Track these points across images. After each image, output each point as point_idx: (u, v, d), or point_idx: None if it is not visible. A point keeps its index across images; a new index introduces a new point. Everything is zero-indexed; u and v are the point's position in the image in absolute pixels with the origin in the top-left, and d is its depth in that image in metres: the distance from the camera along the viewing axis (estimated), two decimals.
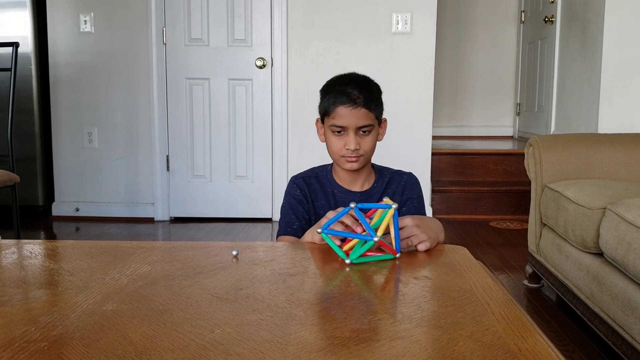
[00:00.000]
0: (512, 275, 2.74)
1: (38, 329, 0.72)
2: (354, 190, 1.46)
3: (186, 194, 3.98)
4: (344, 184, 1.47)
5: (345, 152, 1.38)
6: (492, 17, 5.60)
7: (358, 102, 1.36)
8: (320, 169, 1.52)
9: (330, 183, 1.48)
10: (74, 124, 3.97)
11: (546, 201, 2.33)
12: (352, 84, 1.39)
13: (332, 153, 1.43)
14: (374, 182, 1.48)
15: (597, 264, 1.88)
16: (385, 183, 1.48)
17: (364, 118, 1.37)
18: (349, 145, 1.36)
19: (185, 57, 3.88)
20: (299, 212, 1.44)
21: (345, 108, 1.36)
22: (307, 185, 1.47)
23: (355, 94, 1.36)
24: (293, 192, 1.47)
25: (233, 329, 0.72)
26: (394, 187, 1.48)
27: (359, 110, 1.36)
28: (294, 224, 1.42)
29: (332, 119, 1.38)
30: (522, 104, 5.35)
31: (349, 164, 1.40)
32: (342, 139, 1.38)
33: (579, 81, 3.84)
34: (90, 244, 1.18)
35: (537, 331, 0.73)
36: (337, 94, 1.38)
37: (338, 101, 1.37)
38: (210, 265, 1.01)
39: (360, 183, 1.47)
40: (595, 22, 3.54)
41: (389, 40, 3.78)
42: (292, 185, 1.48)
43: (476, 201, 4.01)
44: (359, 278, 0.97)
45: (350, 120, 1.36)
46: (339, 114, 1.37)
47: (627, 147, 2.40)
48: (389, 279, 0.99)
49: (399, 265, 1.03)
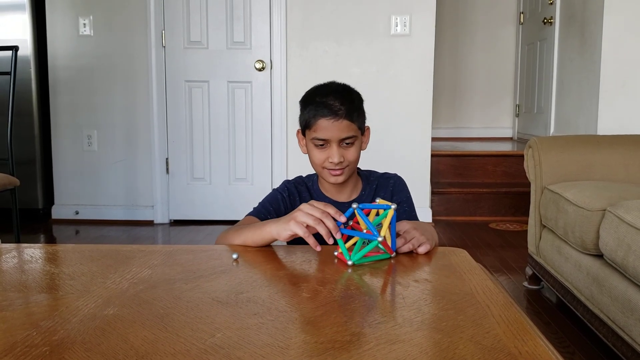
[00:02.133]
0: (512, 277, 2.74)
1: (39, 334, 0.72)
2: (341, 201, 1.44)
3: (186, 197, 3.98)
4: (330, 195, 1.45)
5: (328, 164, 1.36)
6: (491, 19, 5.61)
7: (340, 114, 1.33)
8: (307, 179, 1.50)
9: (317, 194, 1.46)
10: (74, 127, 3.97)
11: (546, 203, 2.33)
12: (333, 94, 1.36)
13: (315, 166, 1.40)
14: (361, 190, 1.47)
15: (597, 266, 1.88)
16: (373, 190, 1.47)
17: (347, 130, 1.34)
18: (333, 159, 1.34)
19: (184, 60, 3.88)
20: (279, 209, 1.42)
21: (326, 120, 1.33)
22: (298, 192, 1.46)
23: (336, 106, 1.33)
24: (282, 191, 1.45)
25: (234, 332, 0.72)
26: (383, 193, 1.47)
27: (341, 122, 1.33)
28: (269, 215, 1.38)
29: (313, 132, 1.35)
30: (521, 105, 5.36)
31: (333, 177, 1.38)
32: (324, 152, 1.36)
33: (578, 82, 3.84)
34: (90, 248, 1.18)
35: (537, 334, 0.73)
36: (317, 106, 1.34)
37: (319, 114, 1.33)
38: (211, 268, 1.01)
39: (347, 193, 1.46)
40: (594, 23, 3.54)
41: (388, 42, 3.79)
42: (282, 186, 1.47)
43: (476, 203, 4.02)
44: (360, 281, 0.97)
45: (332, 132, 1.33)
46: (321, 126, 1.34)
47: (627, 149, 2.40)
48: (389, 282, 0.99)
49: (399, 268, 1.04)
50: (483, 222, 3.88)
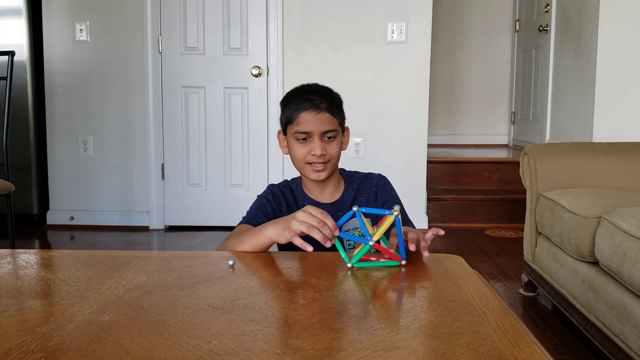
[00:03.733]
0: (507, 284, 2.74)
1: (35, 340, 0.72)
2: (323, 202, 1.45)
3: (181, 203, 3.97)
4: (313, 196, 1.46)
5: (310, 158, 1.37)
6: (486, 26, 5.63)
7: (321, 107, 1.36)
8: (292, 182, 1.51)
9: (300, 195, 1.47)
10: (69, 132, 3.96)
11: (541, 210, 2.34)
12: (314, 91, 1.40)
13: (297, 161, 1.41)
14: (343, 191, 1.48)
15: (593, 273, 1.89)
16: (355, 190, 1.48)
17: (328, 123, 1.37)
18: (315, 151, 1.36)
19: (180, 66, 3.88)
20: (267, 212, 1.42)
21: (308, 113, 1.36)
22: (282, 195, 1.46)
23: (317, 100, 1.37)
24: (266, 195, 1.46)
25: (230, 339, 0.72)
26: (366, 194, 1.47)
27: (323, 115, 1.36)
28: (260, 219, 1.39)
29: (295, 125, 1.37)
30: (516, 112, 5.37)
31: (315, 173, 1.39)
32: (306, 146, 1.37)
33: (573, 90, 3.86)
34: (86, 254, 1.18)
35: (533, 341, 0.73)
36: (299, 100, 1.38)
37: (301, 107, 1.36)
38: (207, 275, 1.01)
39: (329, 193, 1.46)
40: (590, 31, 3.56)
41: (385, 48, 3.80)
42: (267, 190, 1.48)
43: (471, 209, 4.02)
44: (356, 288, 0.97)
45: (314, 125, 1.36)
46: (303, 119, 1.36)
47: (622, 156, 2.41)
48: (385, 288, 0.99)
49: (396, 275, 1.04)
50: (479, 229, 3.89)
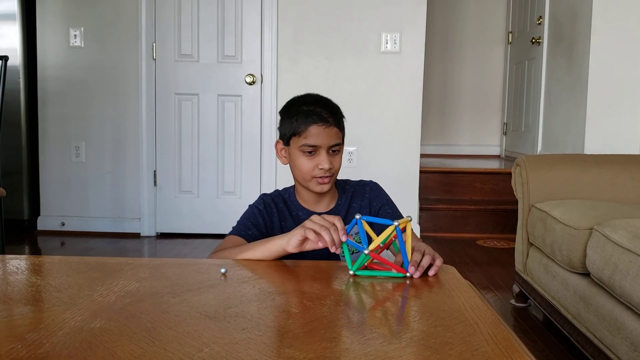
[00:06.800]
0: (499, 294, 2.75)
1: (24, 347, 0.71)
2: (318, 212, 1.44)
3: (173, 210, 3.96)
4: (308, 206, 1.46)
5: (317, 172, 1.36)
6: (479, 38, 5.66)
7: (330, 121, 1.36)
8: (284, 191, 1.50)
9: (294, 206, 1.46)
10: (62, 138, 3.95)
11: (533, 221, 2.35)
12: (319, 104, 1.39)
13: (302, 174, 1.39)
14: (337, 200, 1.48)
15: (584, 284, 1.89)
16: (349, 198, 1.48)
17: (335, 137, 1.37)
18: (323, 165, 1.35)
19: (174, 73, 3.88)
20: (258, 223, 1.41)
21: (318, 127, 1.35)
22: (275, 204, 1.45)
23: (326, 113, 1.36)
24: (257, 205, 1.45)
25: (222, 347, 0.72)
26: (359, 201, 1.47)
27: (332, 129, 1.36)
28: (249, 230, 1.38)
29: (304, 138, 1.36)
30: (509, 123, 5.40)
31: (319, 186, 1.38)
32: (313, 159, 1.37)
33: (565, 102, 3.88)
34: (77, 260, 1.17)
35: (525, 352, 0.73)
36: (307, 113, 1.36)
37: (310, 120, 1.35)
38: (199, 282, 1.00)
39: (325, 203, 1.46)
40: (582, 43, 3.59)
41: (378, 59, 3.81)
42: (259, 200, 1.47)
43: (463, 219, 4.03)
44: (349, 298, 0.97)
45: (323, 139, 1.35)
46: (312, 133, 1.35)
47: (613, 168, 2.42)
48: (378, 298, 0.99)
49: (388, 284, 1.04)
50: (470, 239, 3.89)
